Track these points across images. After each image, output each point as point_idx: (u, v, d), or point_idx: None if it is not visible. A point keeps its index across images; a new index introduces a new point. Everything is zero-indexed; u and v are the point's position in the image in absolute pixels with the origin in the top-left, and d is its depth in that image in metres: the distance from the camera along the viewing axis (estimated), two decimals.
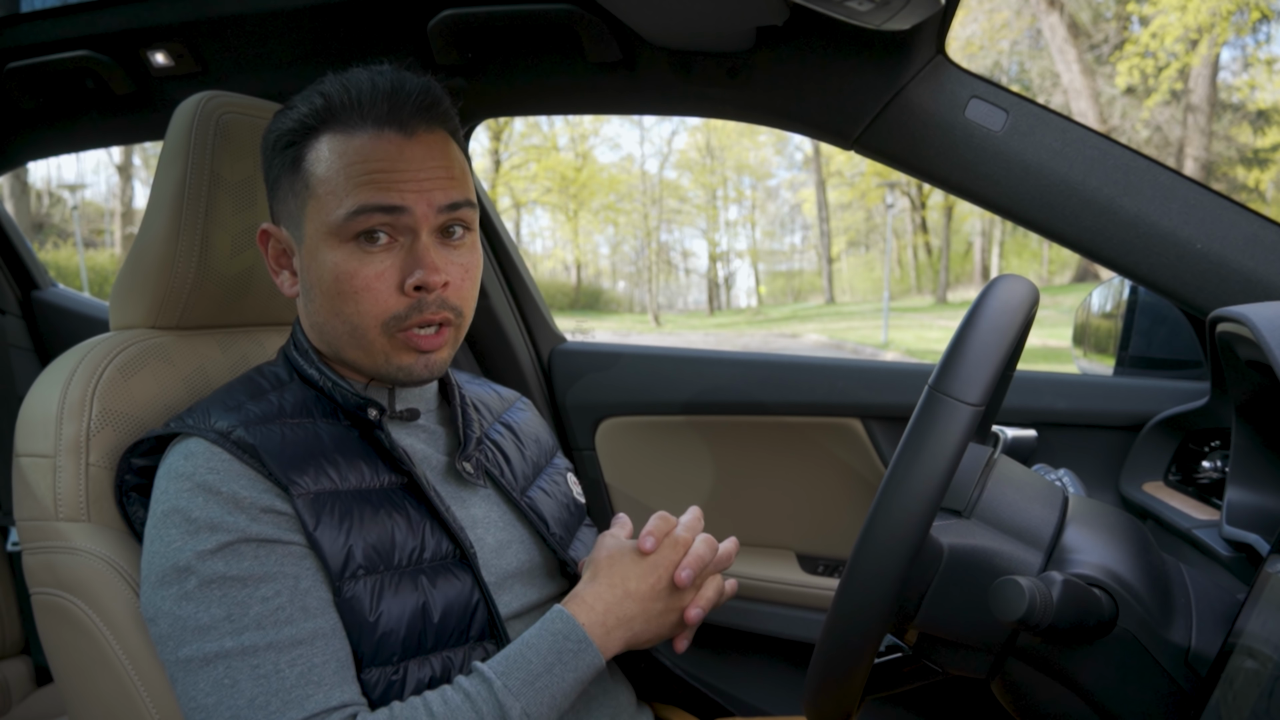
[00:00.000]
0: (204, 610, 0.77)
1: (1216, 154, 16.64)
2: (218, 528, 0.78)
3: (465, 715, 0.77)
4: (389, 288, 0.84)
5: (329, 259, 0.84)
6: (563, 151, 28.49)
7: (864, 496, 1.51)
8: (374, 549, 0.84)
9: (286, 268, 0.92)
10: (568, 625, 0.84)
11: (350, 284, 0.83)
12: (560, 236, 32.98)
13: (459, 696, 0.79)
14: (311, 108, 0.85)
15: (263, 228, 0.91)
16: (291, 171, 0.86)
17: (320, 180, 0.84)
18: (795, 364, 1.54)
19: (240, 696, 0.75)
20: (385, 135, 0.84)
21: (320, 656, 0.78)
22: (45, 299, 1.99)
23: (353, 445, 0.89)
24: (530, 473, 1.07)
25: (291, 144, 0.86)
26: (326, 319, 0.87)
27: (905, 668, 0.92)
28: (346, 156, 0.83)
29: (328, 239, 0.84)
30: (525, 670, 0.81)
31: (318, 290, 0.86)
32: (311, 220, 0.85)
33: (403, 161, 0.83)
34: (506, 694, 0.79)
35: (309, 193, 0.85)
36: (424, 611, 0.84)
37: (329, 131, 0.85)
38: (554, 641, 0.83)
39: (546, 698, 0.80)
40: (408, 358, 0.87)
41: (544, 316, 1.74)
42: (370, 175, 0.82)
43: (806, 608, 1.51)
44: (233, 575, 0.78)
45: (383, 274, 0.83)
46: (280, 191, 0.89)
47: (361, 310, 0.84)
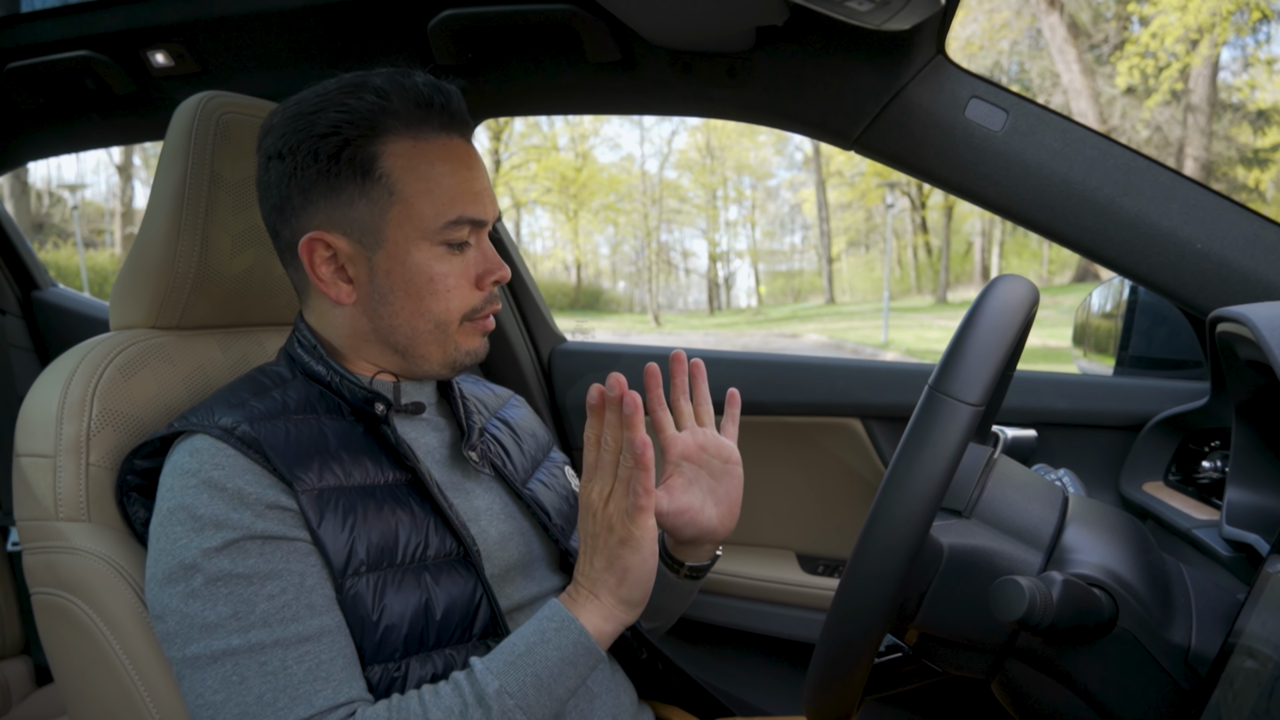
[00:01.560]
0: (210, 608, 0.77)
1: (1216, 154, 16.64)
2: (223, 525, 0.78)
3: (450, 700, 0.78)
4: (469, 285, 0.91)
5: (420, 260, 0.88)
6: (563, 151, 28.51)
7: (864, 496, 1.51)
8: (377, 546, 0.84)
9: (338, 276, 0.89)
10: (551, 609, 0.84)
11: (444, 283, 0.89)
12: (560, 236, 33.01)
13: (448, 685, 0.80)
14: (372, 107, 0.84)
15: (313, 235, 0.86)
16: (363, 177, 0.85)
17: (409, 186, 0.86)
18: (795, 364, 1.54)
19: (249, 693, 0.75)
20: (454, 142, 0.89)
21: (328, 653, 0.79)
22: (45, 299, 1.99)
23: (357, 441, 0.89)
24: (530, 465, 1.08)
25: (360, 149, 0.84)
26: (409, 319, 0.89)
27: (905, 668, 0.92)
28: (430, 161, 0.87)
29: (418, 242, 0.87)
30: (509, 652, 0.81)
31: (402, 292, 0.88)
32: (398, 224, 0.86)
33: (475, 171, 0.90)
34: (486, 674, 0.79)
35: (394, 198, 0.86)
36: (427, 609, 0.85)
37: (397, 135, 0.85)
38: (538, 624, 0.83)
39: (528, 676, 0.79)
40: (475, 341, 0.94)
41: (544, 316, 1.74)
42: (459, 186, 0.88)
43: (806, 608, 1.51)
44: (239, 573, 0.78)
45: (464, 272, 0.90)
46: (342, 198, 0.85)
47: (450, 306, 0.90)
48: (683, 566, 1.03)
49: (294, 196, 0.87)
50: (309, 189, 0.86)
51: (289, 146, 0.86)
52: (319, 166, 0.85)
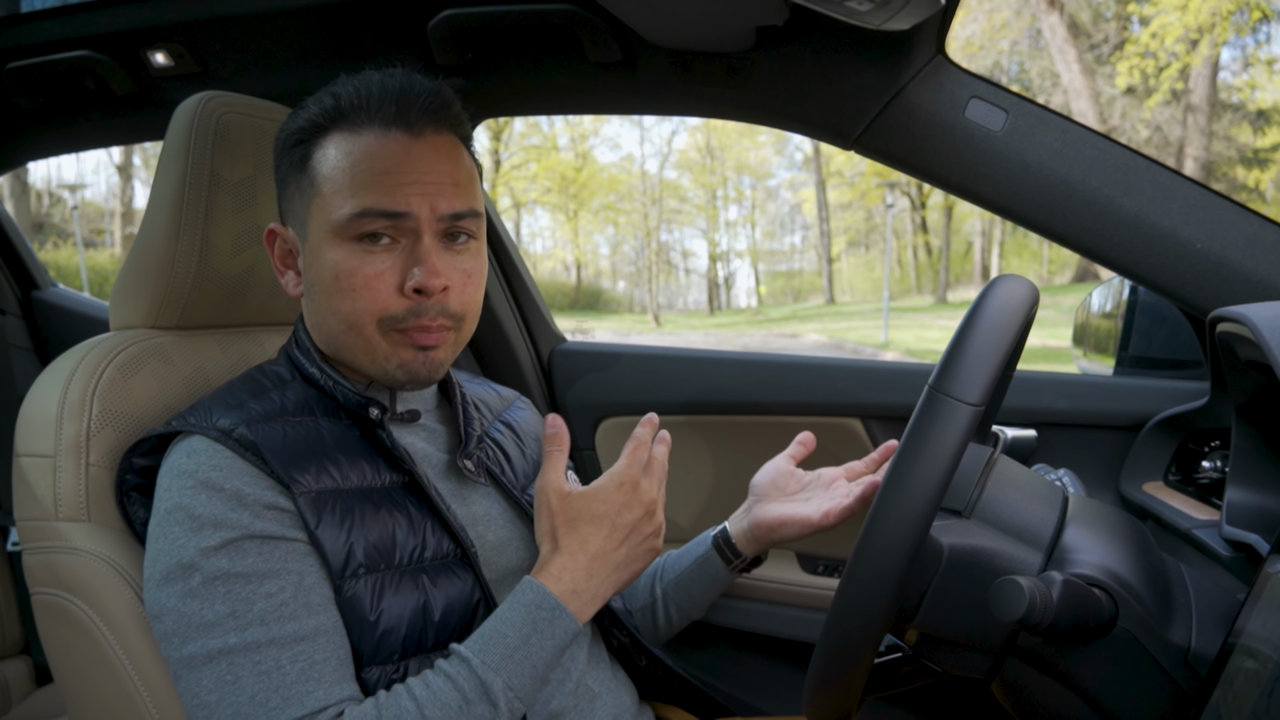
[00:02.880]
0: (208, 607, 0.77)
1: (1216, 154, 16.63)
2: (221, 524, 0.78)
3: (448, 696, 0.77)
4: (388, 287, 0.84)
5: (330, 257, 0.85)
6: (563, 151, 28.50)
7: None
8: (375, 548, 0.84)
9: (292, 268, 0.92)
10: (539, 595, 0.83)
11: (349, 281, 0.84)
12: (560, 236, 33.00)
13: (440, 679, 0.79)
14: (321, 107, 0.87)
15: (270, 227, 0.92)
16: (298, 170, 0.87)
17: (325, 179, 0.85)
18: (795, 364, 1.54)
19: (242, 693, 0.75)
20: (392, 135, 0.84)
21: (321, 653, 0.79)
22: (45, 299, 1.99)
23: (354, 444, 0.89)
24: (531, 470, 1.07)
25: (300, 143, 0.87)
26: (325, 318, 0.88)
27: (905, 668, 0.92)
28: (352, 156, 0.84)
29: (330, 237, 0.85)
30: (502, 645, 0.80)
31: (318, 288, 0.87)
32: (315, 218, 0.86)
33: (408, 163, 0.83)
34: (486, 670, 0.78)
35: (314, 191, 0.86)
36: (425, 610, 0.84)
37: (338, 131, 0.86)
38: (527, 613, 0.82)
39: (528, 669, 0.80)
40: (408, 353, 0.87)
41: (544, 316, 1.74)
42: (375, 176, 0.83)
43: (806, 608, 1.51)
44: (237, 572, 0.78)
45: (382, 274, 0.84)
46: (288, 191, 0.90)
47: (359, 308, 0.84)
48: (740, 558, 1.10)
49: (277, 189, 0.93)
50: (279, 183, 0.92)
51: (275, 145, 0.92)
52: (280, 160, 0.91)
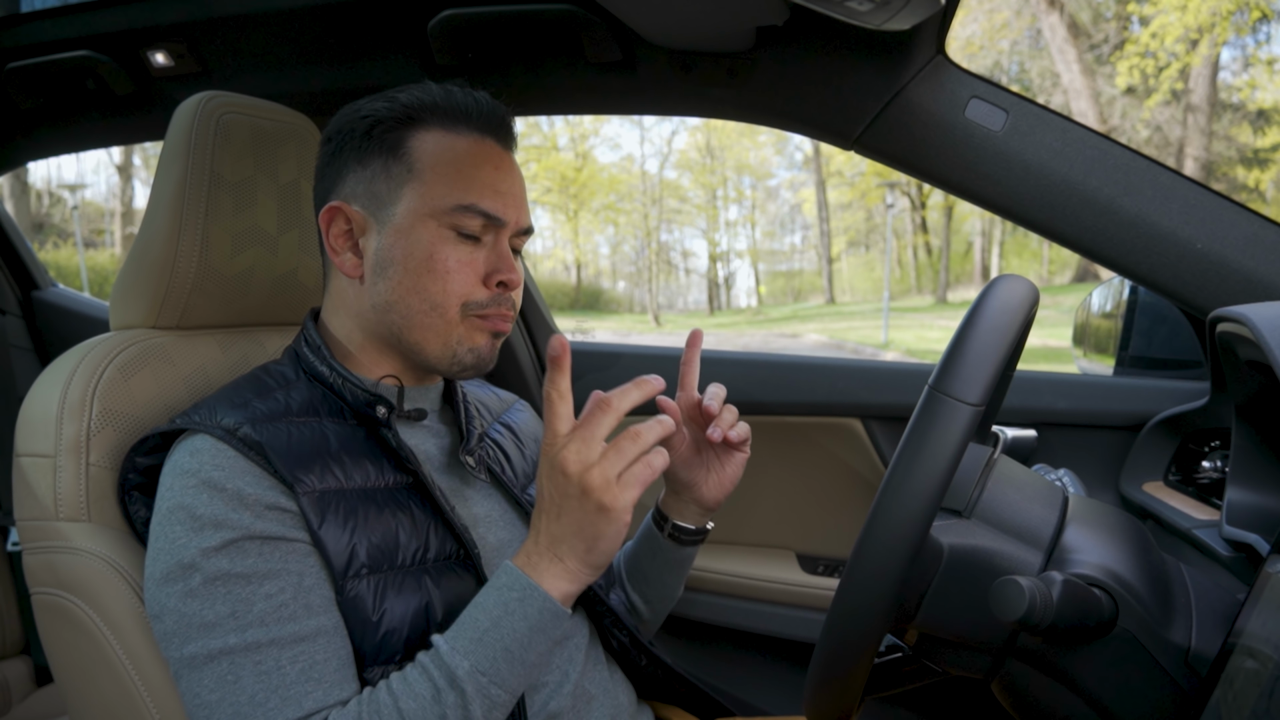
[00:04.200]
0: (209, 607, 0.77)
1: (1216, 154, 16.63)
2: (223, 525, 0.79)
3: (420, 686, 0.77)
4: (474, 276, 0.90)
5: (425, 237, 0.88)
6: (563, 151, 28.50)
7: (864, 496, 1.51)
8: (378, 548, 0.84)
9: (349, 248, 0.92)
10: (511, 577, 0.80)
11: (443, 263, 0.88)
12: (560, 236, 32.99)
13: (416, 671, 0.79)
14: (416, 100, 0.90)
15: (333, 205, 0.91)
16: (389, 154, 0.89)
17: (428, 166, 0.89)
18: (795, 364, 1.54)
19: (242, 693, 0.75)
20: (488, 143, 0.91)
21: (322, 654, 0.79)
22: (45, 299, 1.99)
23: (359, 444, 0.89)
24: (530, 471, 1.08)
25: (391, 129, 0.89)
26: (403, 295, 0.89)
27: (905, 668, 0.92)
28: (456, 151, 0.89)
29: (425, 220, 0.88)
30: (473, 629, 0.79)
31: (402, 266, 0.88)
32: (409, 199, 0.88)
33: (504, 174, 0.91)
34: (454, 655, 0.77)
35: (411, 175, 0.89)
36: (427, 611, 0.84)
37: (433, 126, 0.90)
38: (498, 595, 0.80)
39: (499, 651, 0.77)
40: (481, 338, 0.91)
41: (544, 316, 1.74)
42: (478, 175, 0.89)
43: (806, 608, 1.51)
44: (237, 572, 0.78)
45: (471, 263, 0.89)
46: (367, 171, 0.90)
47: (448, 289, 0.88)
48: (667, 523, 1.05)
49: (330, 174, 0.93)
50: (343, 165, 0.92)
51: (336, 129, 0.92)
52: (353, 144, 0.91)
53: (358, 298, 0.92)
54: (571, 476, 0.77)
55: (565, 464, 0.77)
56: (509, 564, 0.82)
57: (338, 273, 0.94)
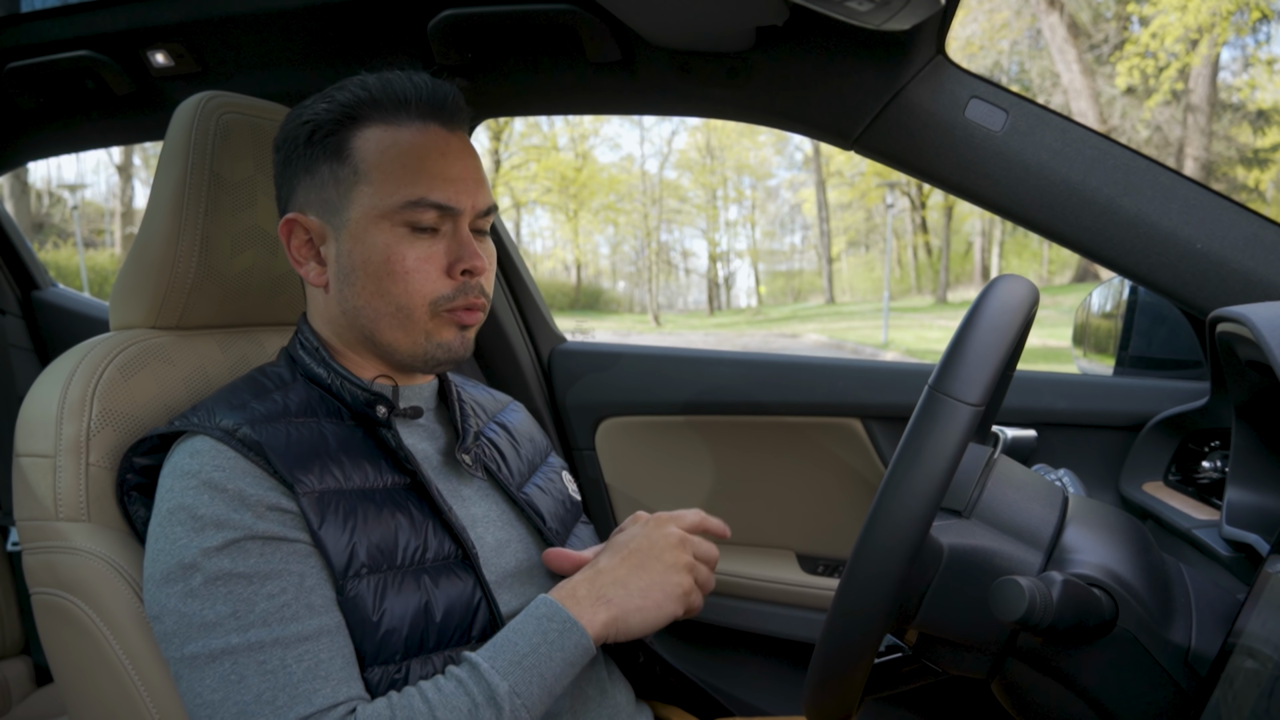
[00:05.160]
0: (210, 607, 0.77)
1: (1216, 154, 16.63)
2: (224, 525, 0.78)
3: (457, 699, 0.78)
4: (436, 270, 0.88)
5: (379, 240, 0.87)
6: (563, 151, 28.50)
7: (864, 496, 1.51)
8: (377, 548, 0.84)
9: (312, 258, 0.92)
10: (551, 608, 0.84)
11: (401, 264, 0.87)
12: (560, 236, 33.01)
13: (451, 683, 0.79)
14: (350, 98, 0.88)
15: (289, 217, 0.91)
16: (334, 158, 0.88)
17: (372, 166, 0.87)
18: (795, 364, 1.54)
19: (247, 692, 0.75)
20: (431, 129, 0.89)
21: (326, 652, 0.79)
22: (45, 299, 1.99)
23: (357, 445, 0.89)
24: (526, 470, 1.08)
25: (333, 132, 0.88)
26: (369, 300, 0.89)
27: (905, 668, 0.92)
28: (398, 145, 0.87)
29: (378, 221, 0.87)
30: (511, 652, 0.81)
31: (362, 272, 0.88)
32: (359, 203, 0.87)
33: (451, 158, 0.89)
34: (493, 674, 0.79)
35: (357, 178, 0.87)
36: (426, 611, 0.84)
37: (374, 122, 0.88)
38: (538, 624, 0.83)
39: (535, 678, 0.80)
40: (449, 333, 0.90)
41: (544, 317, 1.74)
42: (425, 167, 0.87)
43: (806, 608, 1.51)
44: (239, 572, 0.78)
45: (431, 258, 0.88)
46: (316, 179, 0.89)
47: (410, 290, 0.87)
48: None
49: (284, 184, 0.92)
50: (293, 174, 0.91)
51: (282, 138, 0.92)
52: (299, 151, 0.90)
53: (327, 304, 0.93)
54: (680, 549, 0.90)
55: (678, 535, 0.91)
56: (548, 597, 0.85)
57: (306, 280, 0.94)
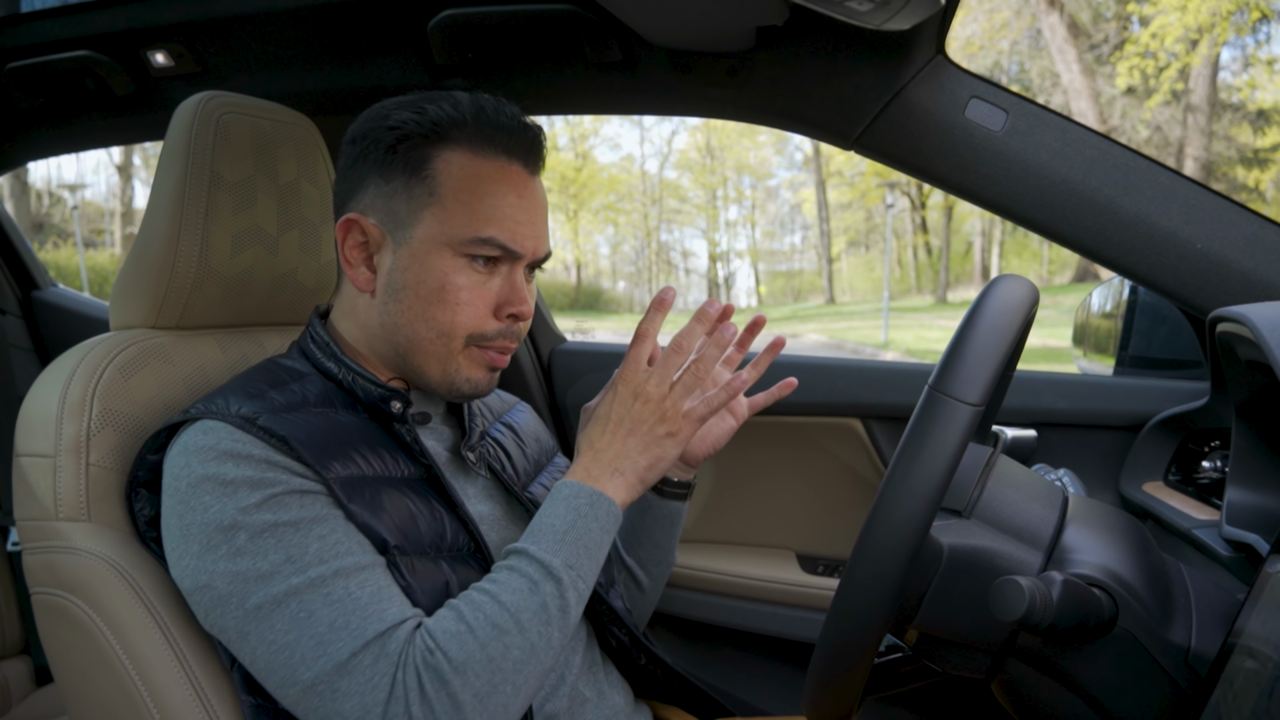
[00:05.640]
0: (263, 558, 0.77)
1: (1216, 154, 16.64)
2: (258, 484, 0.78)
3: (516, 582, 0.80)
4: (485, 307, 0.89)
5: (439, 265, 0.87)
6: (563, 151, 28.49)
7: (864, 496, 1.51)
8: (403, 532, 0.84)
9: (363, 262, 0.91)
10: (575, 489, 0.86)
11: (455, 295, 0.88)
12: (560, 236, 32.96)
13: (503, 572, 0.82)
14: (445, 116, 0.88)
15: (350, 217, 0.90)
16: (412, 173, 0.88)
17: (450, 192, 0.87)
18: (795, 364, 1.54)
19: (320, 623, 0.75)
20: (514, 169, 0.89)
21: (385, 579, 0.80)
22: (45, 299, 1.99)
23: (374, 435, 0.89)
24: (531, 470, 1.08)
25: (417, 146, 0.88)
26: (411, 321, 0.89)
27: (905, 668, 0.92)
28: (480, 176, 0.88)
29: (441, 247, 0.87)
30: (552, 533, 0.84)
31: (413, 292, 0.88)
32: (428, 224, 0.87)
33: (526, 202, 0.90)
34: (543, 552, 0.82)
35: (433, 199, 0.87)
36: (447, 591, 0.85)
37: (460, 146, 0.88)
38: (568, 503, 0.85)
39: (581, 549, 0.83)
40: (479, 372, 0.92)
41: (544, 316, 1.74)
42: (502, 209, 0.88)
43: (806, 608, 1.51)
44: (283, 521, 0.78)
45: (483, 294, 0.89)
46: (389, 187, 0.89)
47: (456, 320, 0.88)
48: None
49: (352, 178, 0.91)
50: (365, 174, 0.90)
51: (361, 133, 0.91)
52: (378, 155, 0.89)
53: (367, 311, 0.92)
54: (651, 402, 0.87)
55: (647, 391, 0.87)
56: (566, 480, 0.87)
57: (349, 281, 0.93)
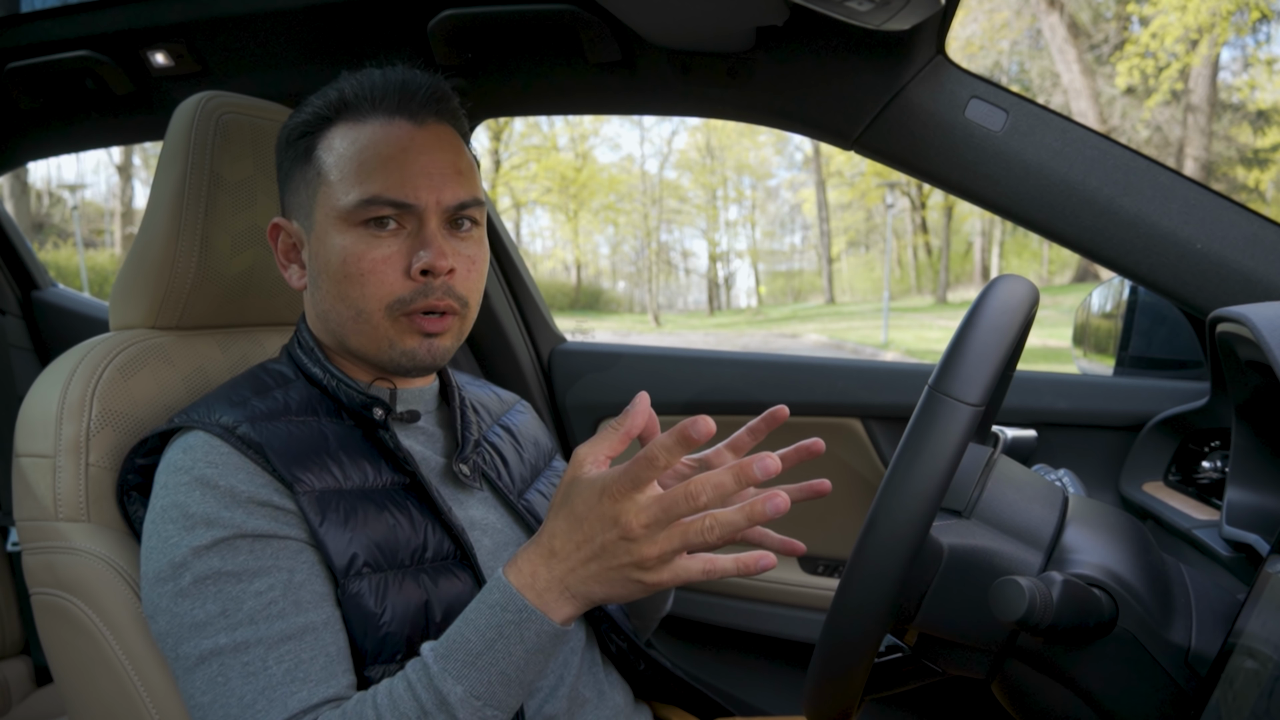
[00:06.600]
0: (200, 606, 0.77)
1: (1216, 154, 16.63)
2: (214, 523, 0.78)
3: (407, 705, 0.72)
4: (395, 271, 0.85)
5: (337, 243, 0.86)
6: (563, 151, 28.50)
7: (864, 496, 1.51)
8: (378, 547, 0.84)
9: (295, 261, 0.93)
10: (506, 595, 0.73)
11: (357, 266, 0.85)
12: (560, 236, 33.01)
13: (402, 686, 0.74)
14: (325, 100, 0.89)
15: (274, 222, 0.93)
16: (303, 162, 0.89)
17: (331, 167, 0.86)
18: (795, 364, 1.54)
19: (231, 695, 0.75)
20: (396, 124, 0.87)
21: (308, 651, 0.78)
22: (45, 299, 1.99)
23: (356, 444, 0.89)
24: (528, 475, 1.07)
25: (304, 135, 0.89)
26: (332, 305, 0.88)
27: (905, 668, 0.92)
28: (358, 144, 0.86)
29: (337, 224, 0.86)
30: (464, 651, 0.73)
31: (325, 275, 0.88)
32: (321, 206, 0.87)
33: (413, 151, 0.85)
34: (444, 677, 0.72)
35: (320, 180, 0.87)
36: (426, 610, 0.84)
37: (342, 123, 0.88)
38: (492, 614, 0.73)
39: (495, 675, 0.72)
40: (411, 340, 0.87)
41: (544, 317, 1.74)
42: (381, 164, 0.84)
43: (806, 608, 1.51)
44: (228, 570, 0.78)
45: (390, 258, 0.85)
46: (292, 183, 0.91)
47: (367, 293, 0.85)
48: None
49: (280, 186, 0.94)
50: (284, 179, 0.93)
51: (277, 143, 0.94)
52: (285, 156, 0.92)
53: (310, 307, 0.94)
54: (633, 544, 0.69)
55: (628, 526, 0.69)
56: (501, 578, 0.74)
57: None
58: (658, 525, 0.69)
